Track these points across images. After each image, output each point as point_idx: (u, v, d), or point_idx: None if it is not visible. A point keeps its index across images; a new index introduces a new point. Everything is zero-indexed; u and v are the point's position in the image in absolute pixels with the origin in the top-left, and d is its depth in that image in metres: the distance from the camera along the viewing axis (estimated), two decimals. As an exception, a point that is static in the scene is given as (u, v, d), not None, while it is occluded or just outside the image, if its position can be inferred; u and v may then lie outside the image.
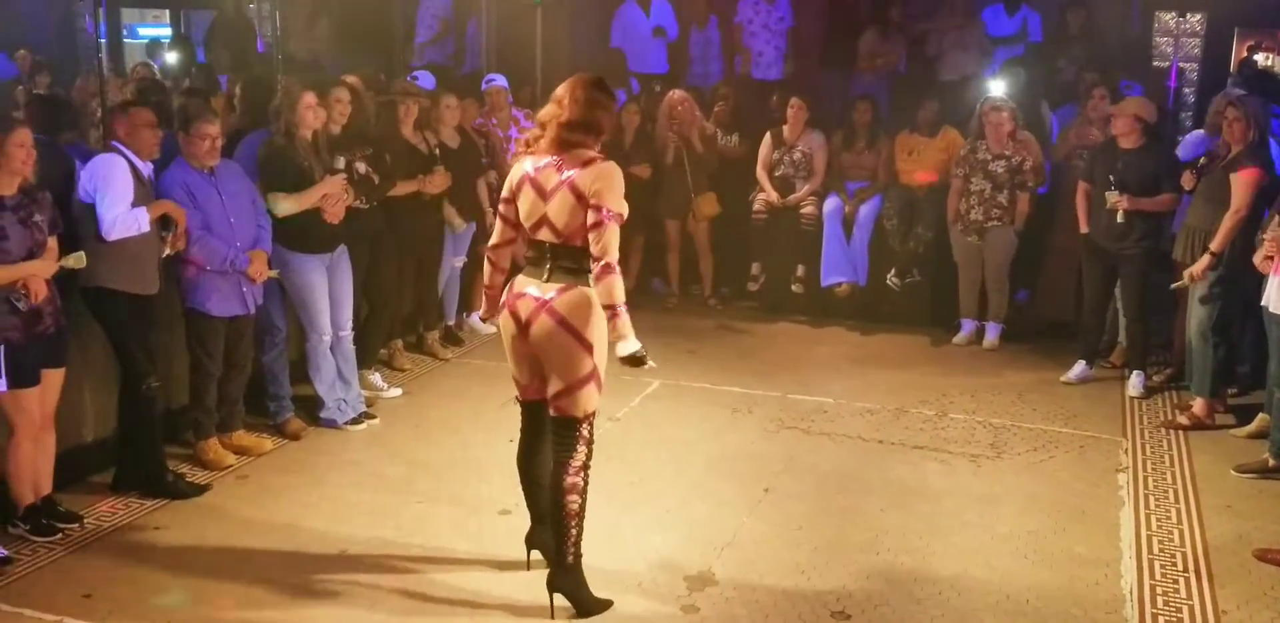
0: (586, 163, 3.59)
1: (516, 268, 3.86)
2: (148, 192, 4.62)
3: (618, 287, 3.52)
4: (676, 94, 7.82)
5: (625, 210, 3.58)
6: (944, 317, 7.43)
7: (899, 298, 7.51)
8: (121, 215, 4.45)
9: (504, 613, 3.84)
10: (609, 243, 3.51)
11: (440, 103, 6.49)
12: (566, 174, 3.58)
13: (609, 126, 3.71)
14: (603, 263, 3.50)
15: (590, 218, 3.53)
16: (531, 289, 3.67)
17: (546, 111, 3.68)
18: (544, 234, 3.64)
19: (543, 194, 3.61)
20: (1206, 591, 4.09)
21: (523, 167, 3.68)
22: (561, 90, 3.67)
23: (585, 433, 3.71)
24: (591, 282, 3.56)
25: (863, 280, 7.63)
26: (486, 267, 3.94)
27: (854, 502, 4.81)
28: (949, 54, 8.84)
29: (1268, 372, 5.19)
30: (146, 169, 4.66)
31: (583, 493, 3.73)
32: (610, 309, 3.52)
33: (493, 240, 3.88)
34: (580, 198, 3.55)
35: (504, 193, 3.75)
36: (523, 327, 3.67)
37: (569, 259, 3.62)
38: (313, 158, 5.30)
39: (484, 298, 3.98)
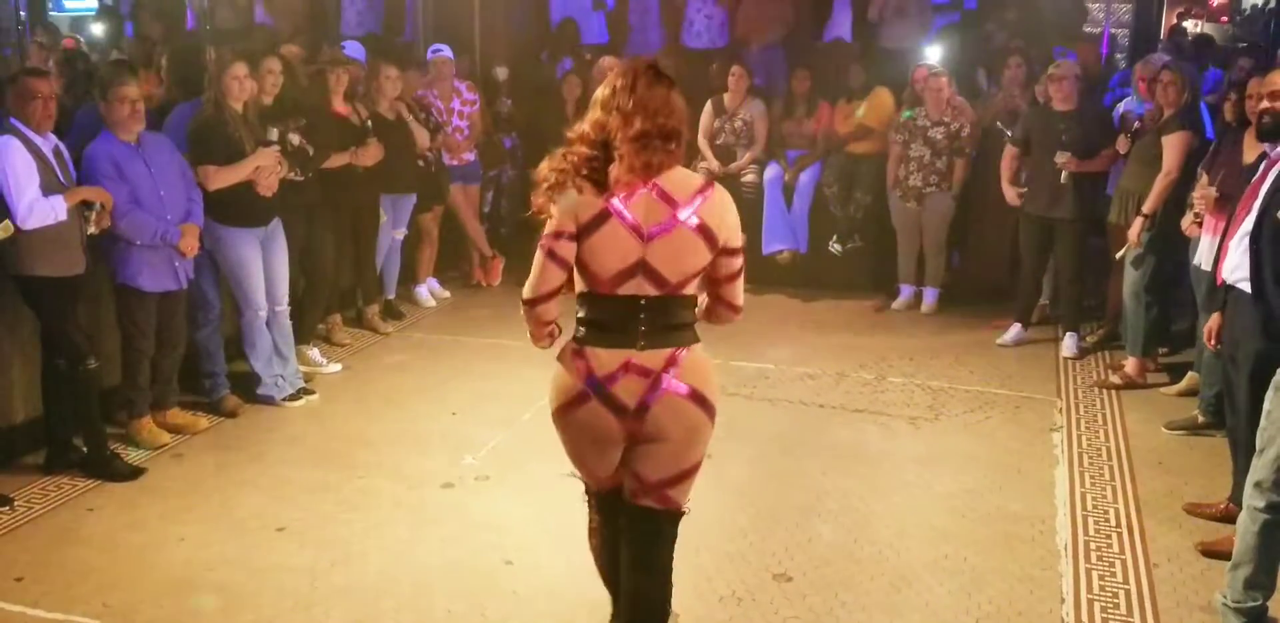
0: (702, 190, 2.81)
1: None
2: (50, 168, 4.43)
3: None
4: (607, 61, 7.75)
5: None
6: (884, 282, 7.48)
7: (839, 264, 7.55)
8: (36, 203, 4.29)
9: (447, 587, 3.82)
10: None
11: (380, 73, 6.39)
12: (687, 208, 2.77)
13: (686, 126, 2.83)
14: (740, 314, 2.99)
15: (727, 267, 2.89)
16: (634, 362, 2.82)
17: (595, 121, 2.75)
18: (635, 288, 2.79)
19: (641, 235, 2.75)
20: (1139, 545, 4.18)
21: (593, 200, 2.73)
22: (610, 90, 2.74)
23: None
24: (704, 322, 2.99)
25: (803, 248, 7.65)
26: (539, 328, 2.91)
27: (795, 465, 4.85)
28: (890, 22, 8.82)
29: (1196, 330, 5.28)
30: (47, 144, 4.46)
31: None
32: None
33: (541, 289, 2.81)
34: (710, 238, 2.81)
35: (558, 228, 2.75)
36: (632, 414, 2.83)
37: (672, 314, 2.84)
38: (244, 129, 5.20)
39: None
